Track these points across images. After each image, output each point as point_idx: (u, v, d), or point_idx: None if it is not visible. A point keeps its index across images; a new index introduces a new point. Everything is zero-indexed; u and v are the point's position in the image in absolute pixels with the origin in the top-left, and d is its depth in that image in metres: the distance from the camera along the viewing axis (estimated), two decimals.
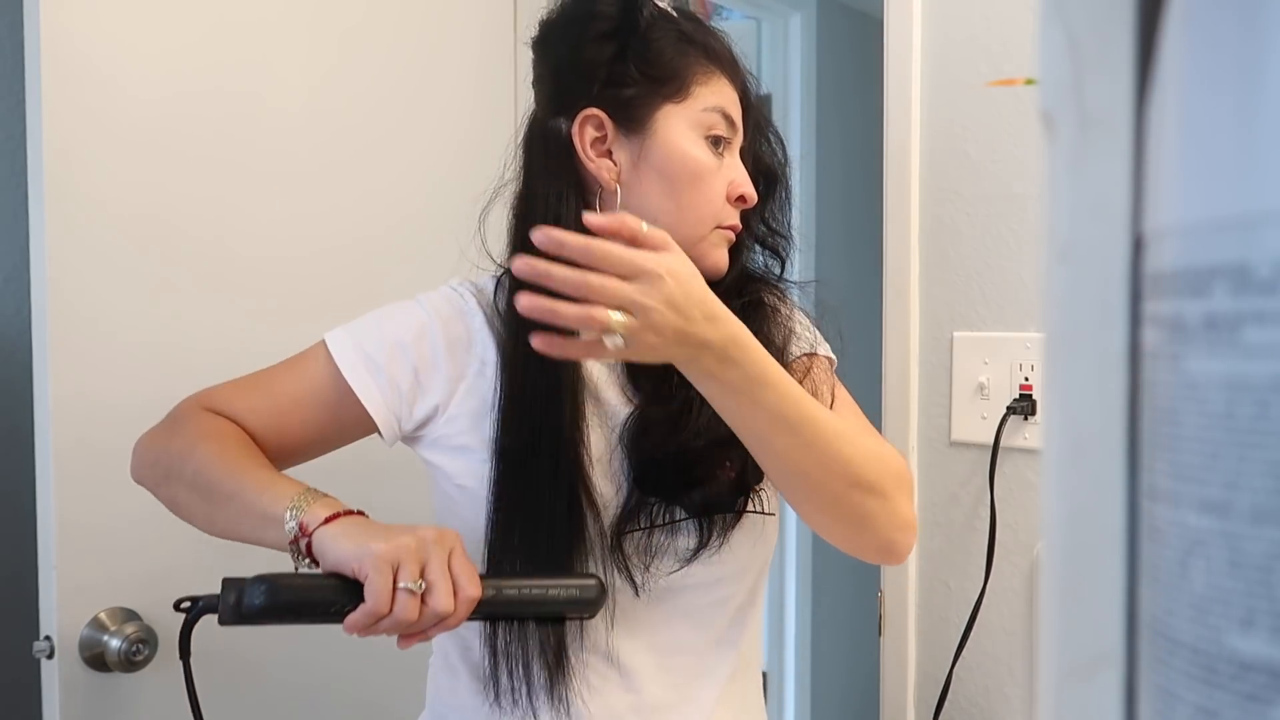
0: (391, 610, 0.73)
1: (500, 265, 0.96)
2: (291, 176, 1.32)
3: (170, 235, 1.21)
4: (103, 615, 1.15)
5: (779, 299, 0.96)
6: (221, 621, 0.78)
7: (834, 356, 0.97)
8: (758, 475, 0.88)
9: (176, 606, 0.81)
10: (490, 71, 1.59)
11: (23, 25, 1.12)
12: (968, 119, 1.28)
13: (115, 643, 1.14)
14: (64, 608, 1.13)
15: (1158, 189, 0.21)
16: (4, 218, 1.26)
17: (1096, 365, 0.23)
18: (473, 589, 0.75)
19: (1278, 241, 0.18)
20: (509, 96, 1.60)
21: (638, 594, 0.88)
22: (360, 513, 0.81)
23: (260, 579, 0.77)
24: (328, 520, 0.78)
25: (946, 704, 1.30)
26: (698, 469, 0.86)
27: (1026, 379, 1.25)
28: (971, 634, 1.26)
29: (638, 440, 0.87)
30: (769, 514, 0.92)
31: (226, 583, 0.79)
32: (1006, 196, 1.26)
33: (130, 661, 1.15)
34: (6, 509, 1.25)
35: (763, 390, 0.75)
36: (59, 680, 1.12)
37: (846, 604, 2.58)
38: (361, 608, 0.73)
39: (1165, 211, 0.21)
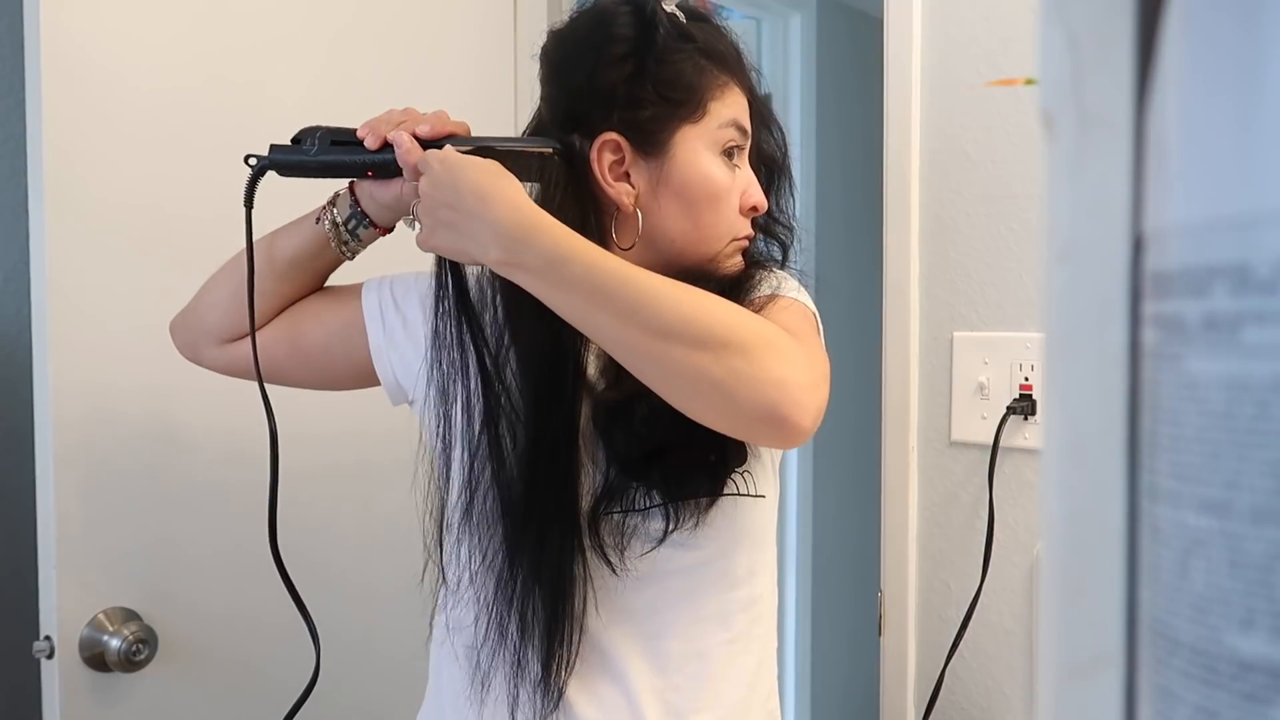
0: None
1: None
2: None
3: (171, 232, 1.21)
4: (103, 615, 1.15)
5: (760, 266, 0.95)
6: (281, 168, 0.91)
7: (811, 307, 0.92)
8: (740, 457, 0.87)
9: (246, 159, 0.92)
10: (489, 68, 1.59)
11: (23, 24, 1.12)
12: (968, 119, 1.28)
13: (115, 643, 1.14)
14: (64, 608, 1.13)
15: (1158, 189, 0.21)
16: (4, 217, 1.26)
17: (1096, 365, 0.23)
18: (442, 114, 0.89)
19: (1278, 241, 0.18)
20: (509, 92, 1.60)
21: (615, 573, 0.88)
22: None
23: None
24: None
25: (945, 704, 1.30)
26: (672, 452, 0.85)
27: (1026, 379, 1.25)
28: (971, 633, 1.26)
29: (612, 421, 0.87)
30: (756, 496, 0.90)
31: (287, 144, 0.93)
32: (1006, 196, 1.26)
33: (130, 661, 1.15)
34: (6, 509, 1.25)
35: (567, 265, 0.74)
36: (59, 680, 1.12)
37: (846, 604, 2.58)
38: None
39: (1165, 211, 0.21)
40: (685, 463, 0.86)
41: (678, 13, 0.90)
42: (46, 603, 1.13)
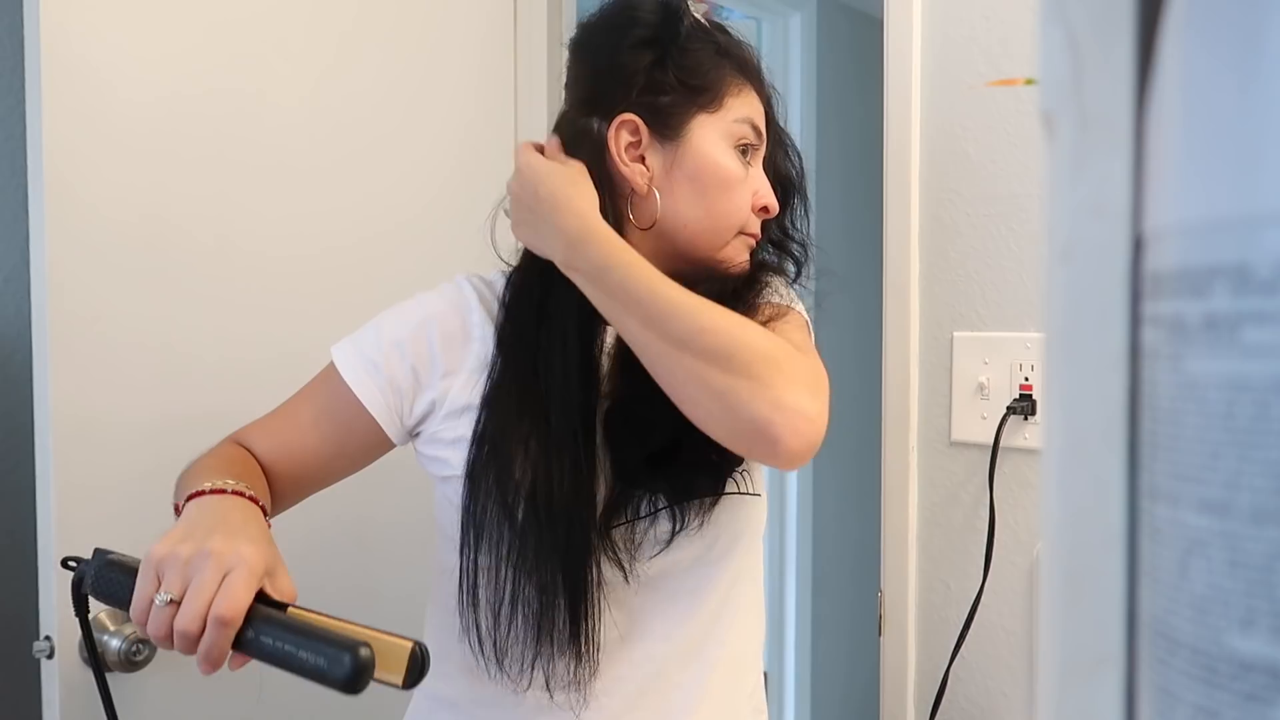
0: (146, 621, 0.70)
1: (507, 263, 0.98)
2: (292, 175, 1.32)
3: (170, 235, 1.21)
4: (103, 615, 1.15)
5: (771, 272, 0.98)
6: (81, 590, 0.77)
7: (805, 316, 0.95)
8: (738, 456, 0.88)
9: (64, 563, 0.79)
10: (491, 70, 1.59)
11: (23, 26, 1.12)
12: (968, 119, 1.28)
13: (115, 643, 1.14)
14: (64, 608, 1.12)
15: (1158, 189, 0.21)
16: (4, 218, 1.26)
17: (1096, 365, 0.23)
18: (227, 612, 0.68)
19: (1278, 241, 0.18)
20: (509, 95, 1.60)
21: (627, 580, 0.89)
22: (252, 498, 0.80)
23: (103, 560, 0.75)
24: (192, 496, 0.78)
25: (945, 704, 1.30)
26: (674, 454, 0.87)
27: (1026, 379, 1.25)
28: (971, 634, 1.26)
29: (617, 432, 0.88)
30: (754, 494, 0.93)
31: (96, 552, 0.77)
32: (1006, 196, 1.26)
33: (130, 661, 1.14)
34: (6, 509, 1.25)
35: (610, 272, 0.81)
36: (59, 680, 1.12)
37: (846, 604, 2.58)
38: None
39: (1165, 211, 0.21)
40: (688, 463, 0.87)
41: (702, 19, 0.93)
42: (46, 603, 1.13)
